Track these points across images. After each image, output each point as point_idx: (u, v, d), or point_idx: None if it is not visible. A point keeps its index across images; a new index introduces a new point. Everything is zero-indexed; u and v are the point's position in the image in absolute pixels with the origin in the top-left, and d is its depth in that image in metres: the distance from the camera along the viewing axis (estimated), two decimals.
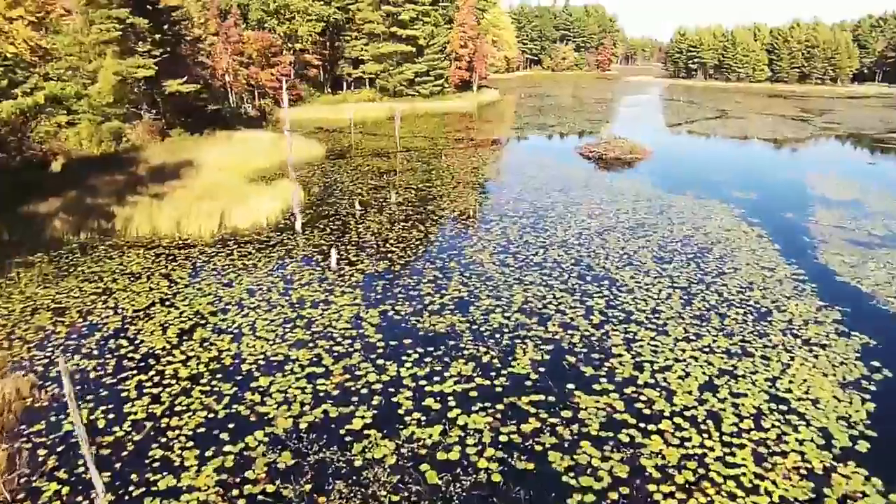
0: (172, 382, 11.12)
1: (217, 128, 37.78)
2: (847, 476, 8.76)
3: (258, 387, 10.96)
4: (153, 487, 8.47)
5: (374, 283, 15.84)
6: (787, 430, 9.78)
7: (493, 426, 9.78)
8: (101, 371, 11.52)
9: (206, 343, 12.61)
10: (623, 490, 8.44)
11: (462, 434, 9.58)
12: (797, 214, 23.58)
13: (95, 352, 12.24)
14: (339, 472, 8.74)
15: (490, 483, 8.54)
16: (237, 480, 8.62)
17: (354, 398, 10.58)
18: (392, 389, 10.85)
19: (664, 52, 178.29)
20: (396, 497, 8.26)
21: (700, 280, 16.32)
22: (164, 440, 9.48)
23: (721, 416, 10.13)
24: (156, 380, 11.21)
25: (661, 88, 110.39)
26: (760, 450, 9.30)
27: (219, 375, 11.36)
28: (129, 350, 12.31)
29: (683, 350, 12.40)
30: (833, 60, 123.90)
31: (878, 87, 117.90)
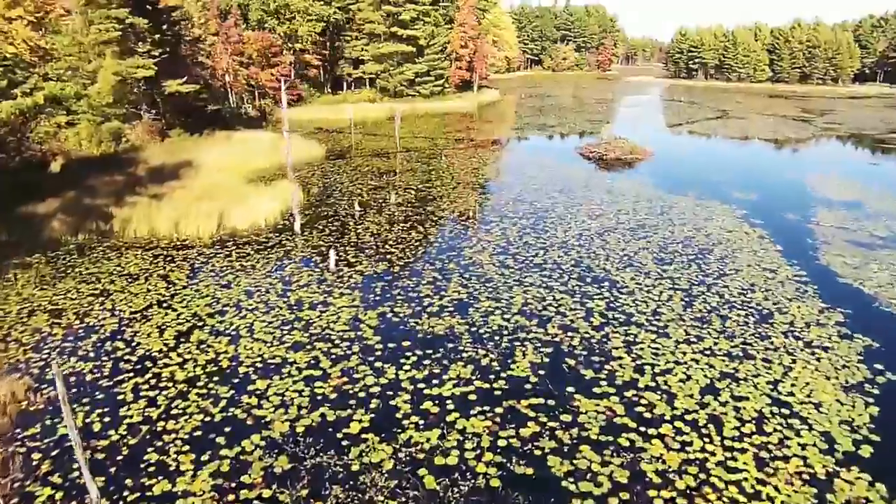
0: (169, 385, 11.04)
1: (217, 128, 37.74)
2: (850, 481, 8.66)
3: (255, 390, 10.88)
4: (148, 492, 8.40)
5: (373, 285, 15.75)
6: (790, 435, 9.68)
7: (492, 430, 9.69)
8: (98, 374, 11.44)
9: (204, 345, 12.52)
10: (623, 496, 8.35)
11: (460, 438, 9.49)
12: (799, 215, 23.47)
13: (92, 354, 12.16)
14: (336, 477, 8.65)
15: (489, 488, 8.45)
16: (233, 485, 8.54)
17: (352, 401, 10.49)
18: (390, 392, 10.76)
19: (665, 53, 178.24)
20: (394, 502, 8.18)
21: (701, 282, 16.22)
22: (160, 444, 9.40)
23: (722, 420, 10.03)
24: (152, 382, 11.13)
25: (662, 89, 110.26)
26: (762, 454, 9.20)
27: (216, 378, 11.28)
28: (126, 352, 12.23)
29: (684, 352, 12.30)
30: (834, 61, 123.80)
31: (880, 88, 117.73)
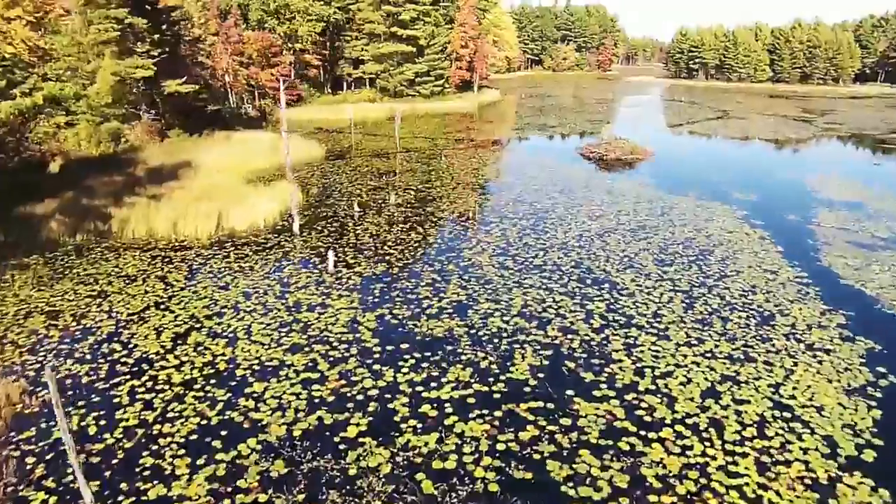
0: (165, 388, 10.95)
1: (216, 128, 37.66)
2: (853, 487, 8.55)
3: (252, 392, 10.79)
4: (143, 497, 8.31)
5: (372, 287, 15.66)
6: (791, 439, 9.58)
7: (491, 434, 9.59)
8: (94, 376, 11.35)
9: (201, 347, 12.44)
10: (623, 501, 8.25)
11: (459, 442, 9.39)
12: (800, 216, 23.37)
13: (88, 356, 12.07)
14: (333, 482, 8.56)
15: (487, 493, 8.35)
16: (229, 490, 8.45)
17: (350, 404, 10.40)
18: (388, 396, 10.67)
19: (665, 53, 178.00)
20: None
21: (702, 283, 16.12)
22: (156, 448, 9.32)
23: (723, 424, 9.93)
24: (149, 385, 11.05)
25: (662, 89, 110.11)
26: (764, 459, 9.10)
27: (213, 381, 11.19)
28: (123, 354, 12.14)
29: (685, 355, 12.20)
30: (835, 61, 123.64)
31: (881, 88, 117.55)
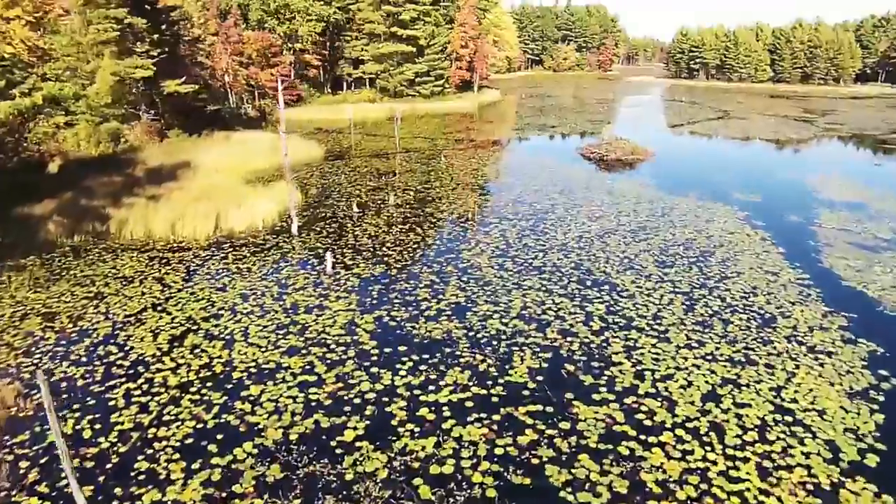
0: (161, 391, 10.87)
1: (216, 128, 37.59)
2: (856, 492, 8.45)
3: (249, 396, 10.70)
4: (137, 502, 8.22)
5: (370, 288, 15.56)
6: (793, 443, 9.47)
7: (489, 438, 9.50)
8: (89, 379, 11.26)
9: (198, 350, 12.35)
10: None
11: (456, 446, 9.29)
12: (801, 217, 23.25)
13: (84, 359, 11.98)
14: (330, 487, 8.46)
15: (485, 498, 8.25)
16: (224, 495, 8.36)
17: (347, 408, 10.30)
18: (385, 399, 10.57)
19: (666, 53, 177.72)
20: None
21: (702, 285, 16.02)
22: (151, 452, 9.23)
23: (724, 428, 9.83)
24: (144, 388, 10.96)
25: (663, 89, 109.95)
26: (765, 464, 9.00)
27: (209, 384, 11.10)
28: (119, 357, 12.05)
29: (685, 358, 12.10)
30: (836, 61, 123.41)
31: (881, 88, 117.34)
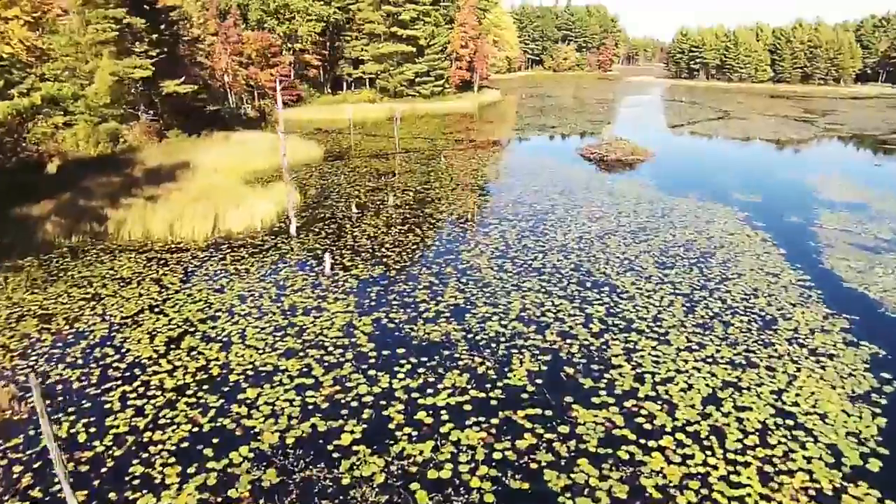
0: (157, 394, 10.78)
1: (215, 129, 37.51)
2: (859, 498, 8.36)
3: (245, 399, 10.61)
4: None
5: (369, 290, 15.47)
6: (795, 447, 9.38)
7: (487, 442, 9.40)
8: (85, 381, 11.18)
9: (194, 352, 12.26)
10: None
11: (454, 451, 9.20)
12: (801, 217, 23.16)
13: (80, 361, 11.90)
14: (326, 492, 8.38)
15: None
16: (219, 500, 8.27)
17: (344, 411, 10.22)
18: (383, 402, 10.48)
19: (666, 53, 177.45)
20: None
21: (703, 286, 15.93)
22: (146, 456, 9.14)
23: (725, 432, 9.74)
24: (140, 391, 10.88)
25: (663, 89, 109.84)
26: (766, 468, 8.91)
27: (205, 386, 11.02)
28: (115, 359, 11.97)
29: (686, 360, 12.01)
30: (836, 61, 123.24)
31: (882, 88, 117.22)
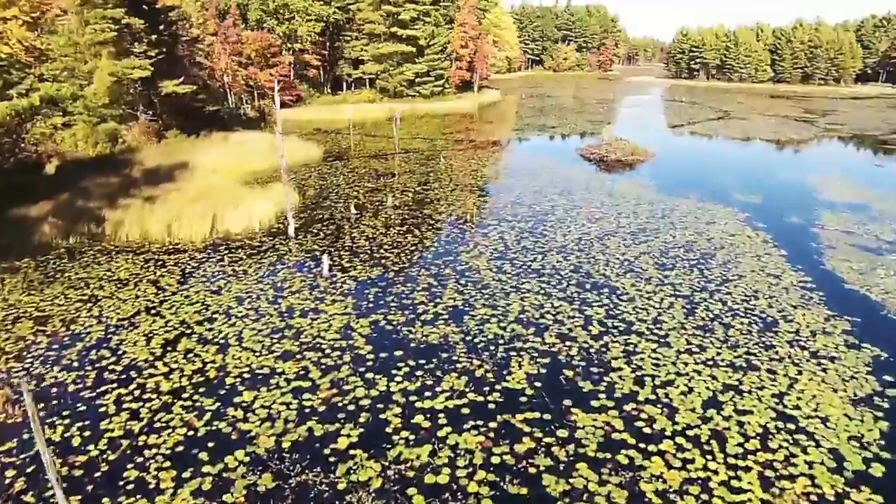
0: (153, 397, 10.69)
1: (214, 129, 37.45)
2: (861, 503, 8.26)
3: (241, 402, 10.52)
4: None
5: (367, 291, 15.37)
6: (796, 452, 9.28)
7: (485, 446, 9.31)
8: (81, 384, 11.09)
9: (191, 354, 12.17)
10: None
11: (452, 455, 9.11)
12: (802, 218, 23.05)
13: (76, 364, 11.81)
14: (322, 497, 8.28)
15: None
16: None
17: (341, 415, 10.12)
18: (381, 405, 10.39)
19: (666, 53, 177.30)
20: None
21: (703, 288, 15.83)
22: (141, 460, 9.05)
23: (725, 436, 9.64)
24: (136, 394, 10.79)
25: (663, 89, 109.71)
26: (767, 473, 8.80)
27: (201, 389, 10.93)
28: (111, 362, 11.88)
29: (686, 363, 11.91)
30: (836, 61, 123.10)
31: (882, 88, 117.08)
